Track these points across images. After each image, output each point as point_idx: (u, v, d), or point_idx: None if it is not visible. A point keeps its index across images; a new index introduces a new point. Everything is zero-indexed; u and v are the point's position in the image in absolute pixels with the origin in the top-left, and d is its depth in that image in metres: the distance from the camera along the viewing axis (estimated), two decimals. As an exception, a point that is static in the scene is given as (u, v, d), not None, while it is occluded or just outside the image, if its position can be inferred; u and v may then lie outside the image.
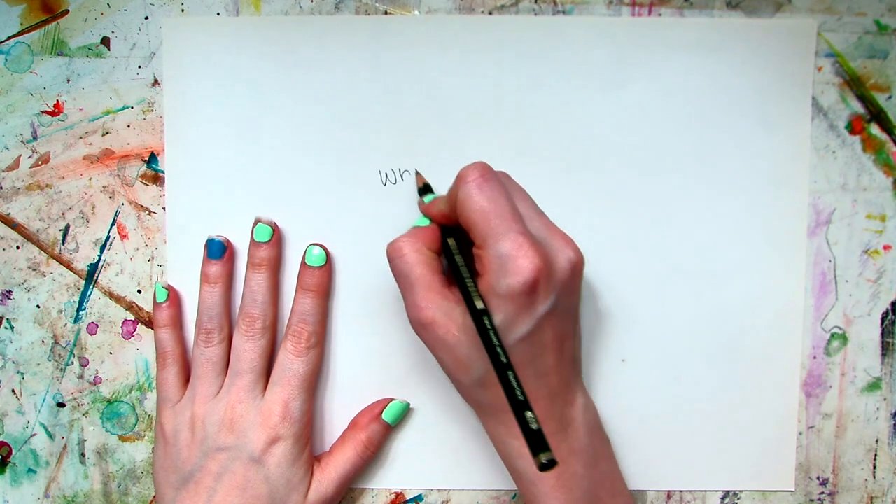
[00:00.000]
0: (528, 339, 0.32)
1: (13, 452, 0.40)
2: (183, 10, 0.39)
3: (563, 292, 0.33)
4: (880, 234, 0.39)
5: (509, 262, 0.31)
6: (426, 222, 0.36)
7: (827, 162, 0.39)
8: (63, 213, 0.40)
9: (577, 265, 0.33)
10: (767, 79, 0.39)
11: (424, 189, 0.37)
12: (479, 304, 0.32)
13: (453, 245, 0.34)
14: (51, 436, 0.40)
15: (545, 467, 0.29)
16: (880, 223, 0.39)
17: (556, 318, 0.33)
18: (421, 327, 0.33)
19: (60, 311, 0.40)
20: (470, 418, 0.39)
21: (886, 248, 0.40)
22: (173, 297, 0.39)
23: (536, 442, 0.29)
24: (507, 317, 0.32)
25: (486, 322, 0.31)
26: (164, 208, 0.39)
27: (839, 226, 0.39)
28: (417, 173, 0.38)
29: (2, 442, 0.40)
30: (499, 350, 0.31)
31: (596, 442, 0.35)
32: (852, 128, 0.39)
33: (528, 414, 0.30)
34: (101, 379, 0.40)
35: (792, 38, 0.38)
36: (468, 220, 0.32)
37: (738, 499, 0.40)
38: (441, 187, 0.39)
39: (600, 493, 0.34)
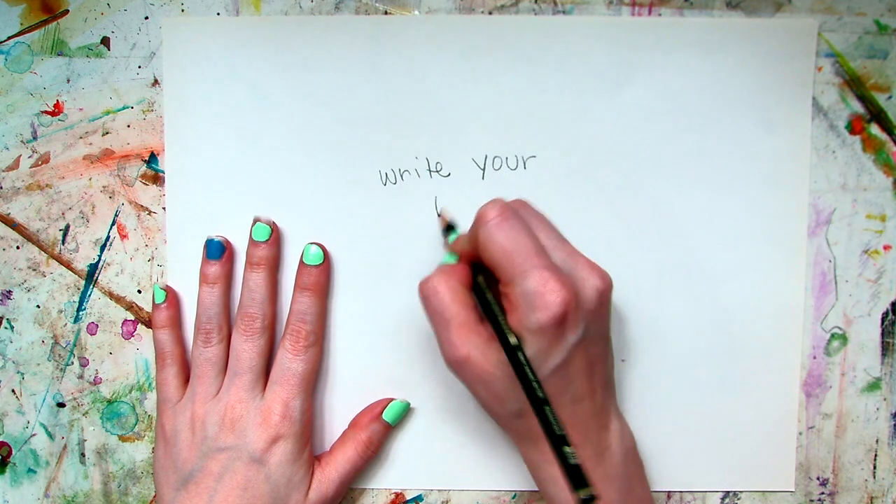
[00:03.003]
0: (561, 370, 0.32)
1: (13, 452, 0.40)
2: (183, 10, 0.39)
3: (591, 320, 0.33)
4: (880, 234, 0.39)
5: (536, 298, 0.31)
6: (454, 259, 0.36)
7: (827, 162, 0.39)
8: (63, 213, 0.40)
9: (604, 292, 0.34)
10: (767, 79, 0.39)
11: (449, 228, 0.37)
12: (513, 340, 0.32)
13: (483, 283, 0.34)
14: (51, 436, 0.40)
15: (586, 503, 0.29)
16: (880, 223, 0.39)
17: (586, 346, 0.33)
18: (457, 365, 0.33)
19: (60, 311, 0.40)
20: (470, 418, 0.39)
21: (886, 248, 0.40)
22: (171, 297, 0.39)
23: (576, 477, 0.29)
24: (538, 350, 0.32)
25: (521, 357, 0.31)
26: (164, 208, 0.39)
27: (839, 226, 0.39)
28: (442, 212, 0.38)
29: (2, 442, 0.40)
30: (535, 385, 0.31)
31: (631, 467, 0.35)
32: (852, 128, 0.39)
33: (567, 449, 0.30)
34: (101, 379, 0.40)
35: (792, 38, 0.38)
36: (491, 259, 0.33)
37: (738, 499, 0.40)
38: (441, 189, 0.39)
39: None
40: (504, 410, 0.34)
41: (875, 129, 0.39)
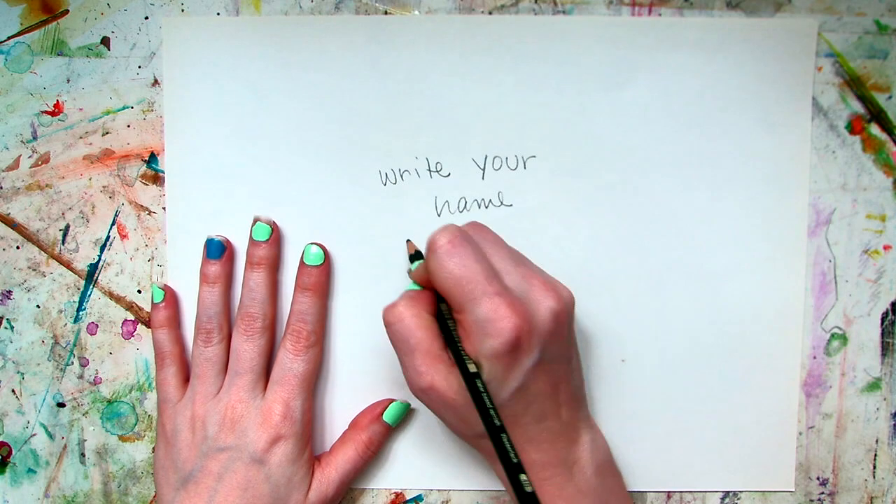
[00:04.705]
0: (520, 392, 0.32)
1: (13, 452, 0.40)
2: (183, 10, 0.39)
3: (548, 341, 0.33)
4: (880, 234, 0.39)
5: (488, 325, 0.31)
6: (417, 287, 0.36)
7: (827, 162, 0.39)
8: (63, 213, 0.40)
9: (560, 313, 0.33)
10: (767, 79, 0.39)
11: (415, 256, 0.37)
12: (472, 368, 0.32)
13: (445, 310, 0.34)
14: (51, 436, 0.40)
15: None
16: (880, 223, 0.39)
17: (545, 367, 0.33)
18: (421, 392, 0.34)
19: (60, 311, 0.40)
20: (470, 418, 0.39)
21: (886, 248, 0.40)
22: (170, 297, 0.39)
23: None
24: (496, 376, 0.32)
25: (478, 385, 0.32)
26: (164, 208, 0.39)
27: (839, 226, 0.39)
28: (409, 241, 0.38)
29: (2, 442, 0.40)
30: (491, 412, 0.31)
31: (606, 480, 0.35)
32: (852, 128, 0.39)
33: (523, 477, 0.31)
34: (101, 379, 0.40)
35: (792, 38, 0.38)
36: (442, 288, 0.33)
37: (738, 499, 0.40)
38: (441, 189, 0.39)
39: None
40: (470, 433, 0.34)
41: (875, 129, 0.39)
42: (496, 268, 0.33)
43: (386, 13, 0.39)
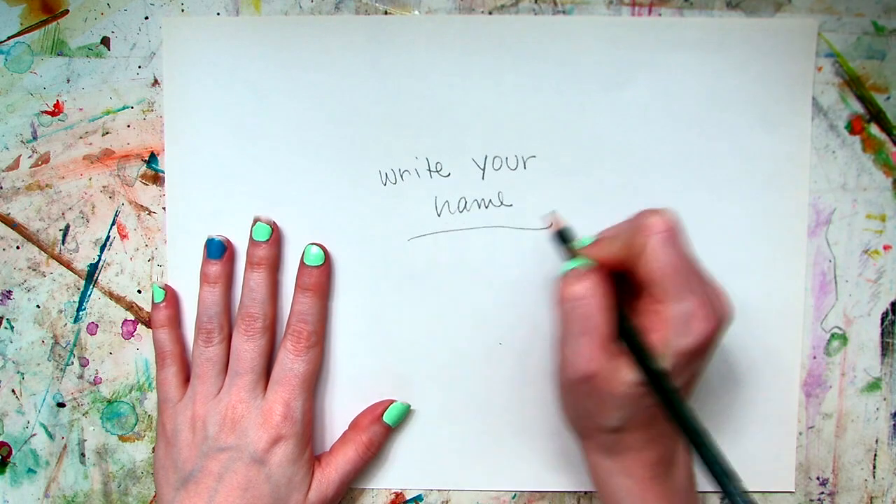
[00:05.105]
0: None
1: (13, 452, 0.40)
2: (183, 10, 0.39)
3: (712, 351, 0.32)
4: (880, 234, 0.39)
5: (690, 322, 0.30)
6: (583, 264, 0.33)
7: (827, 162, 0.39)
8: (63, 213, 0.40)
9: (727, 327, 0.32)
10: (767, 79, 0.39)
11: (564, 232, 0.35)
12: (660, 364, 0.30)
13: (625, 303, 0.32)
14: (51, 436, 0.40)
15: None
16: (880, 223, 0.39)
17: (694, 377, 0.33)
18: (580, 378, 0.32)
19: (60, 311, 0.40)
20: (470, 418, 0.39)
21: (886, 248, 0.40)
22: (170, 297, 0.39)
23: None
24: (669, 372, 0.31)
25: (666, 386, 0.30)
26: (164, 208, 0.39)
27: (839, 226, 0.39)
28: (554, 218, 0.36)
29: (2, 442, 0.40)
30: (692, 422, 0.30)
31: (692, 483, 0.35)
32: (852, 128, 0.39)
33: (735, 486, 0.30)
34: (101, 379, 0.40)
35: (792, 38, 0.38)
36: (652, 273, 0.31)
37: (738, 499, 0.40)
38: (441, 189, 0.39)
39: None
40: (600, 425, 0.33)
41: (875, 129, 0.39)
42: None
43: (386, 13, 0.39)
